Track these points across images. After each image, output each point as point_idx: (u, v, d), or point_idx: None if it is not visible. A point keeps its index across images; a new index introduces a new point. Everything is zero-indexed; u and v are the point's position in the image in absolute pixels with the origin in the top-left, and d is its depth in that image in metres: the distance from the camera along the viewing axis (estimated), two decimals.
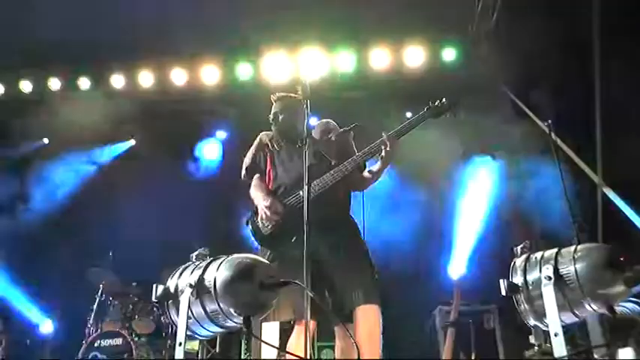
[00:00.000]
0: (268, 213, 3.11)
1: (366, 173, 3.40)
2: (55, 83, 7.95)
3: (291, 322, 3.14)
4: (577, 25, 5.36)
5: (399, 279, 5.60)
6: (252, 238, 3.26)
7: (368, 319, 2.93)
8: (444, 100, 3.31)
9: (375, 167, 3.33)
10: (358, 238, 3.26)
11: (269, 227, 3.15)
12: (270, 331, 3.60)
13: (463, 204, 6.61)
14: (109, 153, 8.42)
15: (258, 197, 3.25)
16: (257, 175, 3.41)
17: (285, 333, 3.27)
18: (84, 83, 7.98)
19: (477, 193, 6.63)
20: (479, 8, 7.10)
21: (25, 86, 7.95)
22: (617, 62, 5.02)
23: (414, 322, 6.19)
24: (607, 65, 5.18)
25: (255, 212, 3.25)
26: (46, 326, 6.87)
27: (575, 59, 5.51)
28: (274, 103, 3.57)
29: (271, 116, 3.56)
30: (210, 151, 8.46)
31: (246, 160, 3.51)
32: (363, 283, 3.02)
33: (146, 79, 7.95)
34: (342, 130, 3.58)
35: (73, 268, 6.56)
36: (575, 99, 5.53)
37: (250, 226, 3.26)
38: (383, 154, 3.19)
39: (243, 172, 3.50)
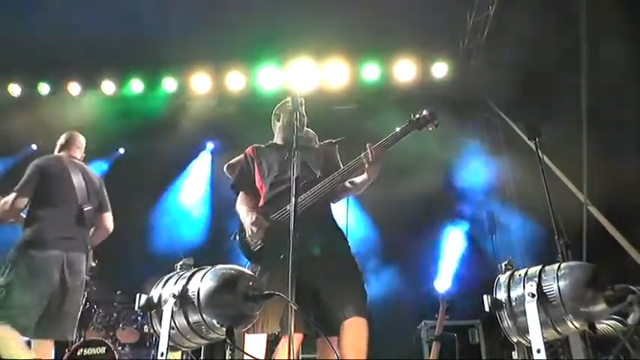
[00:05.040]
0: (254, 229, 3.10)
1: (347, 184, 3.37)
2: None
3: (277, 335, 3.10)
4: (569, 42, 5.43)
5: (384, 292, 5.61)
6: (242, 253, 3.23)
7: (355, 332, 2.90)
8: (424, 112, 3.31)
9: (359, 179, 3.32)
10: (346, 250, 3.25)
11: (258, 243, 3.13)
12: (256, 343, 3.56)
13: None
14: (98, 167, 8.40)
15: (243, 213, 3.24)
16: (242, 193, 3.39)
17: (271, 345, 3.22)
18: (74, 89, 8.00)
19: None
20: (470, 24, 7.18)
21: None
22: (607, 80, 5.09)
23: (399, 336, 6.19)
24: (597, 83, 5.24)
25: (242, 227, 3.23)
26: None
27: (566, 77, 5.57)
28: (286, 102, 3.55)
29: (276, 113, 3.60)
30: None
31: (234, 174, 3.50)
32: (352, 295, 2.98)
33: (136, 86, 7.97)
34: (327, 142, 3.57)
35: None
36: (564, 116, 5.59)
37: (238, 241, 3.23)
38: (367, 166, 3.19)
39: (231, 184, 3.49)
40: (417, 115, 3.32)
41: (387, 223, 6.53)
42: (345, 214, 3.71)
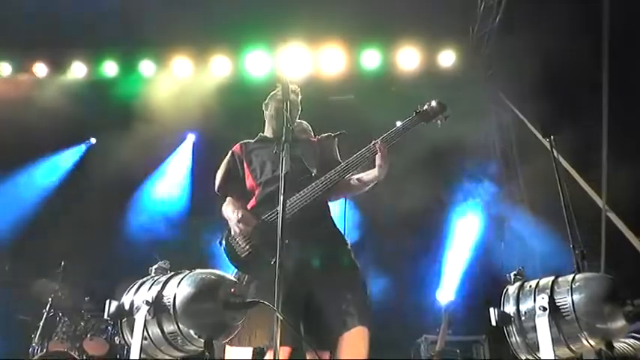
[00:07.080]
0: (240, 226, 3.07)
1: (353, 181, 3.31)
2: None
3: (264, 349, 3.07)
4: (586, 32, 5.44)
5: (381, 303, 5.61)
6: (227, 260, 3.20)
7: (356, 342, 2.86)
8: (433, 103, 3.31)
9: (368, 176, 3.25)
10: (346, 255, 3.20)
11: (246, 248, 3.09)
12: (240, 357, 3.54)
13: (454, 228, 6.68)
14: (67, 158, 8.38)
15: (229, 212, 3.20)
16: (229, 197, 3.35)
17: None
18: (41, 70, 7.96)
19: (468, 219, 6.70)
20: (481, 8, 7.17)
21: None
22: (628, 75, 5.10)
23: (398, 350, 6.20)
24: (617, 79, 5.25)
25: (229, 232, 3.19)
26: None
27: (586, 69, 5.58)
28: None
29: (266, 102, 3.56)
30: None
31: (219, 175, 3.43)
32: (355, 302, 2.94)
33: (110, 69, 7.92)
34: (325, 135, 3.54)
35: (19, 278, 6.45)
36: (581, 111, 5.60)
37: (225, 247, 3.19)
38: (378, 162, 3.16)
39: (216, 187, 3.44)
40: (425, 107, 3.31)
41: (386, 227, 6.53)
42: (343, 215, 3.69)
